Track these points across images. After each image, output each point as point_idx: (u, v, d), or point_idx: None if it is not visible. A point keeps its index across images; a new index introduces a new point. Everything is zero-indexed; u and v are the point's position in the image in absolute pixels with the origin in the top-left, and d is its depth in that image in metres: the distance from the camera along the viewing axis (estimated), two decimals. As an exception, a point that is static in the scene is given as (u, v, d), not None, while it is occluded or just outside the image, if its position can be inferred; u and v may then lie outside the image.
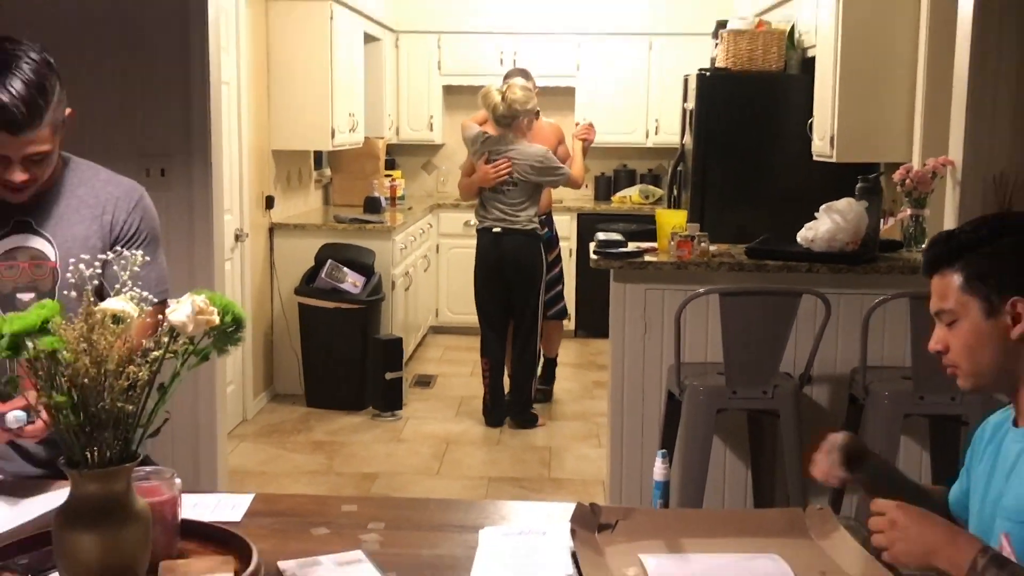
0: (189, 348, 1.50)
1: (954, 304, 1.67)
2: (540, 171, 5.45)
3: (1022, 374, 1.65)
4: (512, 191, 5.47)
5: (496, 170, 5.44)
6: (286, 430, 5.62)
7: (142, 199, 2.26)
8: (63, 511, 1.46)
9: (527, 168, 5.43)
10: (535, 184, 5.51)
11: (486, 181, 5.49)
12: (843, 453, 1.89)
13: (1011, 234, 1.67)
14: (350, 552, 1.73)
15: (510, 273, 5.54)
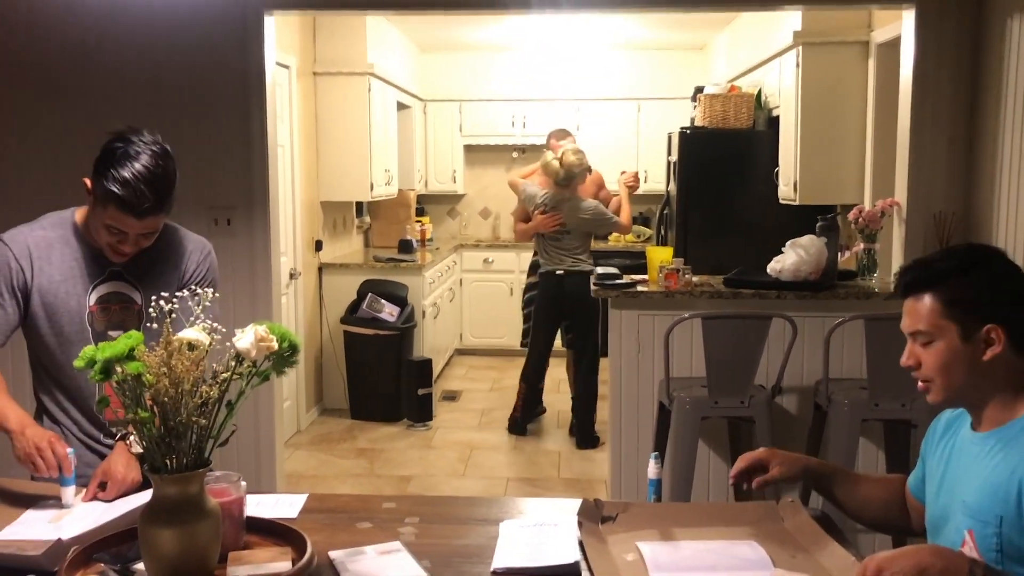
0: (253, 370, 1.51)
1: (930, 326, 1.63)
2: (593, 222, 5.40)
3: (988, 390, 1.63)
4: (568, 237, 5.37)
5: (551, 220, 5.34)
6: (334, 439, 5.61)
7: (210, 253, 2.28)
8: (147, 510, 1.47)
9: (580, 219, 5.34)
10: (587, 232, 5.44)
11: (543, 227, 5.40)
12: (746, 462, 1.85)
13: (984, 265, 1.65)
14: (390, 543, 1.73)
15: (573, 311, 5.39)
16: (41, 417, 2.16)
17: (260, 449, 3.78)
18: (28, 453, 1.86)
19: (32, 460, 1.86)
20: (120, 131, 2.01)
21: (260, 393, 3.72)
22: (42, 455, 1.85)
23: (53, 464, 1.85)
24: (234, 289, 3.67)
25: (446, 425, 5.88)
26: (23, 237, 2.09)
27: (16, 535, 1.73)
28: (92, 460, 2.10)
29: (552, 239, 5.41)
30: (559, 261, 5.40)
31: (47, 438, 1.88)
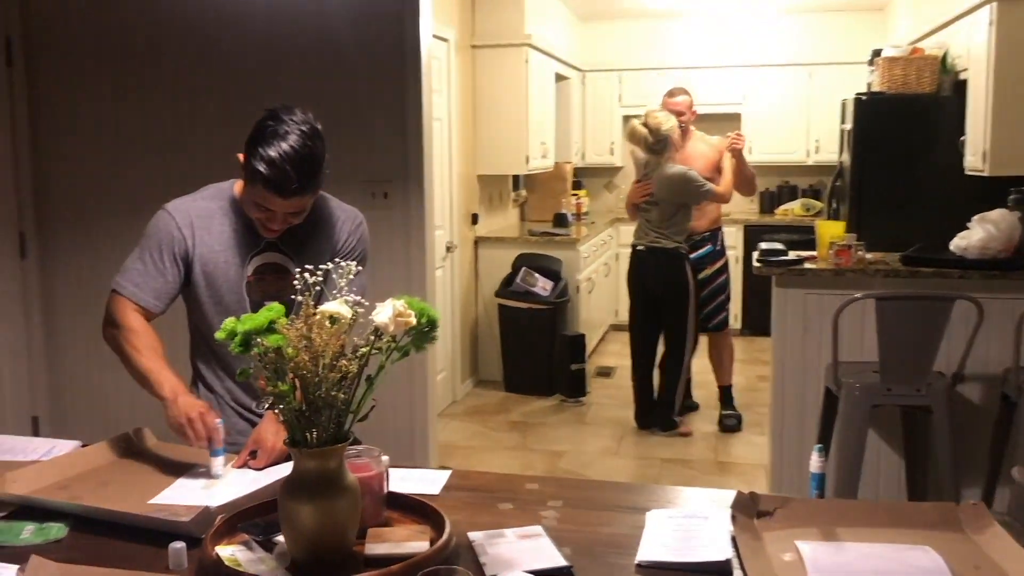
0: (392, 345, 1.48)
1: None
2: (678, 191, 4.88)
3: None
4: (654, 211, 4.95)
5: (639, 189, 5.01)
6: (488, 411, 5.65)
7: (362, 224, 2.28)
8: (287, 483, 1.47)
9: (664, 189, 4.89)
10: (678, 204, 4.92)
11: (631, 197, 5.12)
12: None
13: None
14: (531, 527, 1.67)
15: (657, 291, 5.03)
16: (197, 384, 2.23)
17: (414, 419, 3.83)
18: (179, 423, 1.92)
19: (183, 431, 1.91)
20: (273, 108, 2.03)
21: (414, 364, 3.77)
22: (193, 426, 1.90)
23: (203, 435, 1.89)
24: (389, 262, 3.71)
25: (600, 401, 5.81)
26: (185, 207, 2.15)
27: (169, 500, 1.79)
28: (244, 428, 2.15)
29: (643, 210, 5.03)
30: (642, 235, 5.05)
31: (198, 408, 1.93)
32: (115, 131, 3.92)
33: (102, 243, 3.84)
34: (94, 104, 3.93)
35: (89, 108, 3.93)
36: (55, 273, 4.02)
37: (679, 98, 5.19)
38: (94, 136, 3.94)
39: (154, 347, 2.07)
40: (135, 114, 3.89)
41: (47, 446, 2.11)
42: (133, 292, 2.09)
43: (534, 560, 1.52)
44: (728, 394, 5.34)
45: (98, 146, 3.94)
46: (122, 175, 3.88)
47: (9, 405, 3.90)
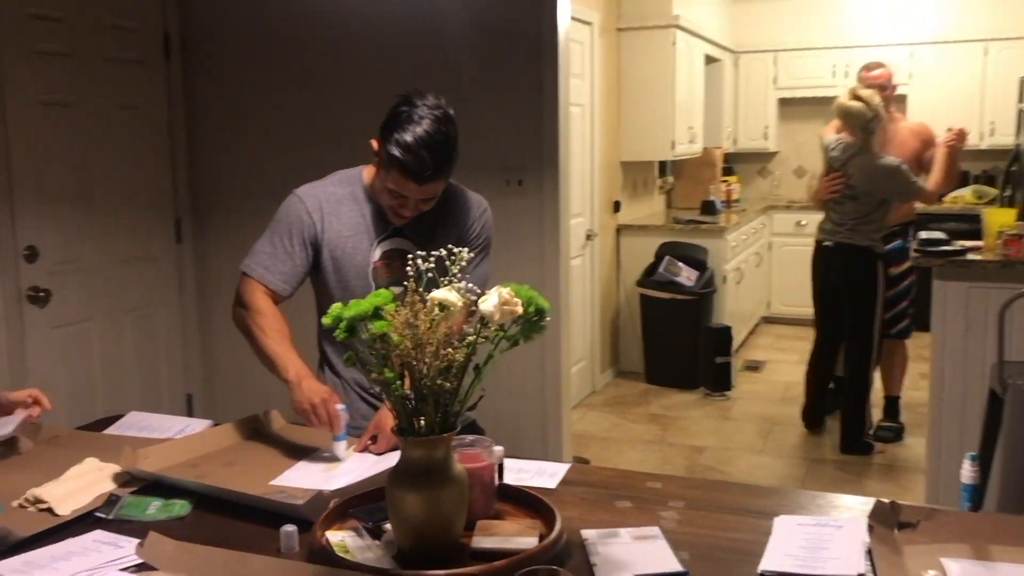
0: (500, 334, 1.44)
1: None
2: (884, 185, 4.37)
3: None
4: (848, 204, 4.43)
5: (829, 185, 4.48)
6: (628, 402, 5.56)
7: (486, 211, 2.26)
8: (394, 472, 1.46)
9: (868, 181, 4.37)
10: (880, 199, 4.40)
11: (819, 193, 4.56)
12: None
13: None
14: (648, 528, 1.60)
15: (842, 291, 4.55)
16: (323, 367, 2.27)
17: (546, 410, 3.79)
18: (303, 407, 1.95)
19: (307, 415, 1.94)
20: (406, 94, 2.04)
21: (547, 354, 3.73)
22: (316, 411, 1.93)
23: (325, 420, 1.92)
24: (523, 251, 3.69)
25: (746, 396, 5.61)
26: (315, 192, 2.19)
27: (289, 482, 1.82)
28: (367, 412, 2.17)
29: (836, 202, 4.49)
30: (831, 231, 4.53)
31: (322, 394, 1.96)
32: (264, 123, 4.07)
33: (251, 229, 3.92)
34: (245, 97, 4.09)
35: (240, 100, 4.10)
36: (208, 258, 4.21)
37: (877, 71, 4.70)
38: (244, 127, 4.11)
39: (281, 330, 2.11)
40: (283, 106, 4.02)
41: (181, 424, 2.20)
42: (262, 274, 2.14)
43: (648, 563, 1.45)
44: (894, 406, 4.88)
45: (248, 137, 4.10)
46: (270, 164, 4.03)
47: (165, 383, 4.13)
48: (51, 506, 1.68)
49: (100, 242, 3.74)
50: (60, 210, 3.54)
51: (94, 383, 3.73)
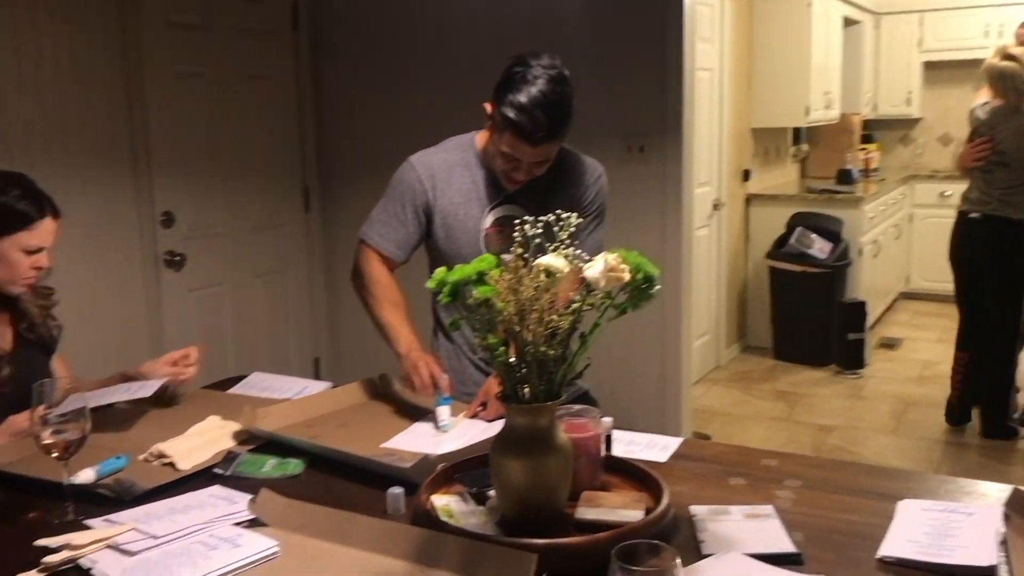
0: (607, 302, 1.40)
1: None
2: None
3: None
4: (999, 172, 4.08)
5: (975, 151, 4.15)
6: (753, 378, 5.41)
7: (601, 177, 2.22)
8: (498, 438, 1.45)
9: (1021, 147, 4.03)
10: None
11: (963, 160, 4.27)
12: None
13: None
14: (761, 506, 1.54)
15: (987, 268, 4.20)
16: (437, 334, 2.28)
17: (666, 383, 3.73)
18: (408, 372, 1.97)
19: (410, 379, 1.96)
20: (520, 54, 2.01)
21: (667, 326, 3.66)
22: (418, 372, 1.94)
23: (427, 382, 1.93)
24: (644, 220, 3.62)
25: (880, 375, 5.37)
26: (427, 159, 2.19)
27: (399, 445, 1.84)
28: (480, 379, 2.17)
29: (984, 171, 4.14)
30: (978, 202, 4.17)
31: (425, 359, 1.97)
32: (389, 91, 4.12)
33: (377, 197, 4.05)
34: (370, 66, 4.15)
35: (366, 69, 4.16)
36: (334, 225, 4.32)
37: None
38: (370, 96, 4.17)
39: (394, 300, 2.14)
40: (408, 75, 4.06)
41: (300, 386, 2.26)
42: (377, 241, 2.17)
43: (758, 543, 1.40)
44: None
45: (374, 105, 4.16)
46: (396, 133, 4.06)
47: (294, 346, 4.27)
48: (173, 461, 1.75)
49: (232, 209, 3.88)
50: (194, 178, 3.68)
51: (225, 344, 3.89)
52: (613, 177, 2.30)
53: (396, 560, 1.36)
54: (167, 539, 1.42)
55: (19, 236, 1.90)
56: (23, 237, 1.91)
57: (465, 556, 1.32)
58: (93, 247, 3.29)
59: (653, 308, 3.79)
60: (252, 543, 1.40)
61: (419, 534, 1.38)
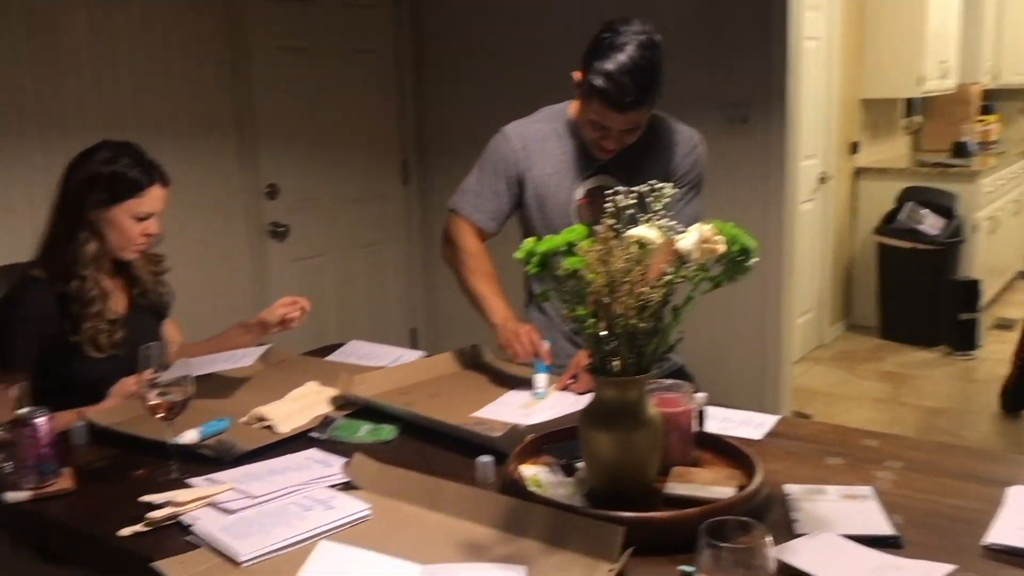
0: (701, 274, 1.37)
1: None
2: None
3: None
4: None
5: None
6: (858, 358, 5.25)
7: (697, 146, 2.17)
8: (586, 411, 1.44)
9: None
10: None
11: None
12: None
13: None
14: (859, 487, 1.49)
15: None
16: (529, 305, 2.28)
17: (766, 361, 3.65)
18: (507, 339, 1.97)
19: (509, 345, 1.97)
20: (610, 20, 1.98)
21: (768, 302, 3.58)
22: (519, 340, 1.94)
23: (529, 350, 1.93)
24: (745, 193, 3.53)
25: (994, 357, 5.12)
26: (521, 129, 2.18)
27: (489, 414, 1.85)
28: (572, 352, 2.16)
29: None
30: None
31: (526, 328, 1.97)
32: (489, 64, 4.12)
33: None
34: (470, 39, 4.15)
35: (466, 43, 4.17)
36: (433, 198, 4.36)
37: None
38: (470, 69, 4.18)
39: (487, 271, 2.14)
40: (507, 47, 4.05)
41: (396, 354, 2.30)
42: (469, 212, 2.17)
43: (855, 524, 1.35)
44: None
45: (473, 79, 4.17)
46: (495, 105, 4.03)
47: (391, 317, 4.34)
48: (272, 424, 1.80)
49: (333, 181, 3.96)
50: (297, 150, 3.77)
51: (327, 313, 3.98)
52: (713, 149, 2.25)
53: (484, 527, 1.37)
54: (264, 499, 1.46)
55: (129, 203, 1.98)
56: (133, 204, 1.98)
57: (552, 526, 1.33)
58: (201, 218, 3.40)
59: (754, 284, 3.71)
60: (345, 505, 1.43)
61: (507, 502, 1.39)
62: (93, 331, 1.98)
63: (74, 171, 2.01)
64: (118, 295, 2.10)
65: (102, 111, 3.08)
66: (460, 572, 1.25)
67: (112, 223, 1.99)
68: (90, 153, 2.02)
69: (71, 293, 1.97)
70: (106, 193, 1.97)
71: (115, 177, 1.97)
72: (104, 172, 1.97)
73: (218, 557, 1.31)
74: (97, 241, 2.00)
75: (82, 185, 1.99)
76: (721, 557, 1.12)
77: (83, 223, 1.99)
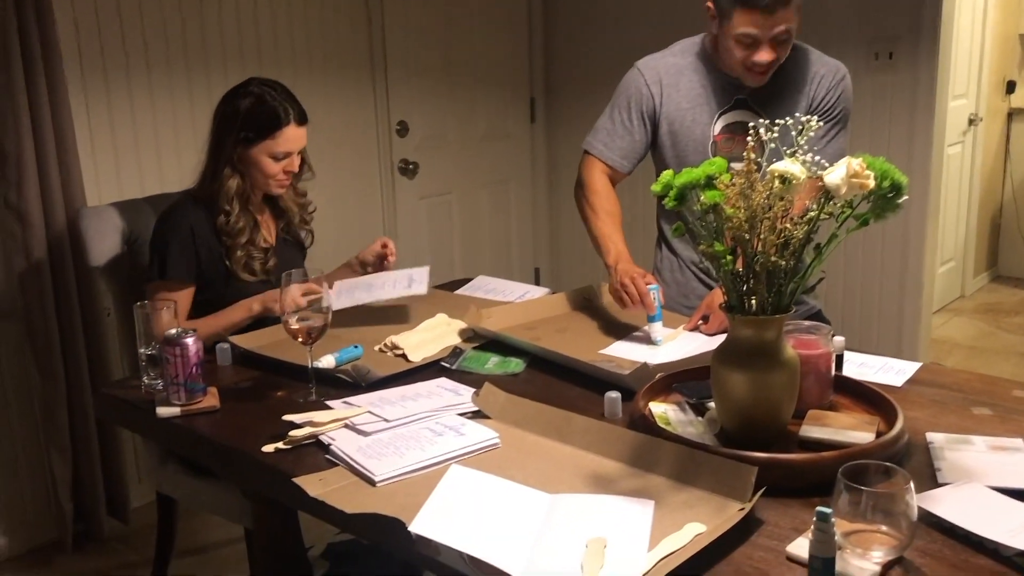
0: (847, 211, 1.32)
1: None
2: None
3: None
4: None
5: None
6: (1003, 310, 4.98)
7: (844, 79, 2.06)
8: (720, 350, 1.41)
9: None
10: None
11: None
12: None
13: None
14: (1009, 439, 1.42)
15: None
16: (660, 244, 2.24)
17: (904, 311, 3.50)
18: (616, 285, 1.94)
19: (617, 295, 1.94)
20: None
21: (911, 248, 3.43)
22: (626, 289, 1.91)
23: (636, 299, 1.89)
24: (889, 133, 3.36)
25: None
26: (655, 64, 2.13)
27: (616, 352, 1.84)
28: (703, 292, 2.12)
29: None
30: None
31: (633, 274, 1.93)
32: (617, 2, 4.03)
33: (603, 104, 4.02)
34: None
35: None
36: (559, 137, 4.33)
37: None
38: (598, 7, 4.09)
39: (610, 210, 2.11)
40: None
41: (522, 290, 2.31)
42: (601, 151, 2.14)
43: (1005, 476, 1.29)
44: None
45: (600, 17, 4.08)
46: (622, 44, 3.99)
47: (516, 256, 4.36)
48: (405, 352, 1.85)
49: (461, 119, 3.97)
50: (426, 88, 3.79)
51: (452, 250, 4.03)
52: (856, 86, 2.14)
53: (612, 461, 1.38)
54: (398, 423, 1.50)
55: (267, 143, 2.04)
56: (270, 144, 2.04)
57: (681, 464, 1.32)
58: (335, 154, 3.48)
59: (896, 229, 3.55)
60: (475, 433, 1.46)
61: (636, 438, 1.38)
62: (246, 257, 2.08)
63: (220, 108, 2.09)
64: (269, 226, 2.19)
65: (242, 45, 3.16)
66: (589, 503, 1.25)
67: (252, 162, 2.06)
68: (236, 91, 2.09)
69: (220, 226, 2.06)
70: (244, 132, 2.04)
71: (250, 117, 2.04)
72: (241, 111, 2.04)
73: (354, 476, 1.36)
74: (239, 178, 2.07)
75: (224, 123, 2.07)
76: (860, 502, 1.09)
77: (227, 160, 2.06)
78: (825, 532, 1.01)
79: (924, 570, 1.09)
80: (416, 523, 1.18)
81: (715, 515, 1.21)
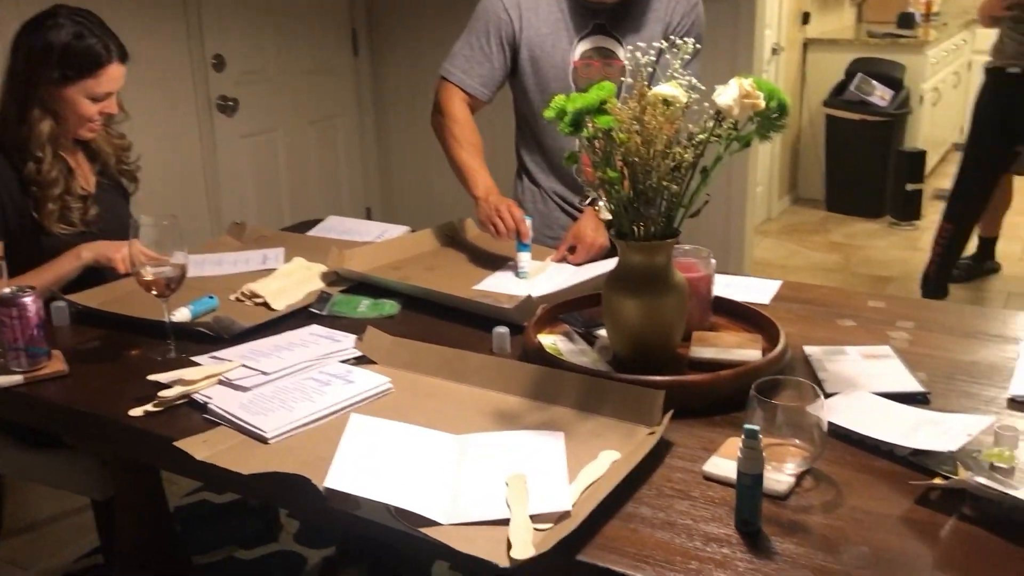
0: (733, 133, 1.32)
1: None
2: None
3: None
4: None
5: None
6: (806, 230, 5.32)
7: (697, 4, 2.08)
8: (611, 277, 1.40)
9: None
10: None
11: (987, 10, 3.81)
12: None
13: None
14: (878, 347, 1.49)
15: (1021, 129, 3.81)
16: (521, 175, 2.21)
17: (730, 232, 3.65)
18: (488, 216, 1.90)
19: (491, 221, 1.90)
20: None
21: (733, 173, 3.56)
22: (500, 216, 1.87)
23: (511, 227, 1.86)
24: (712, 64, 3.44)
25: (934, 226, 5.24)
26: (511, -13, 2.06)
27: (490, 287, 1.80)
28: (566, 223, 2.11)
29: (1016, 20, 3.69)
30: (1018, 54, 3.71)
31: (506, 204, 1.90)
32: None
33: (428, 40, 3.91)
34: None
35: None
36: (384, 70, 4.17)
37: None
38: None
39: (474, 142, 2.05)
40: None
41: (379, 229, 2.22)
42: (460, 78, 2.06)
43: (883, 382, 1.36)
44: None
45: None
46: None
47: (345, 195, 4.21)
48: (266, 300, 1.73)
49: (281, 52, 3.75)
50: (243, 18, 3.54)
51: (279, 191, 3.84)
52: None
53: (513, 396, 1.34)
54: (278, 375, 1.40)
55: (87, 83, 1.82)
56: (91, 84, 1.82)
57: (585, 393, 1.30)
58: (148, 90, 3.19)
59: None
60: (364, 379, 1.38)
61: (536, 371, 1.36)
62: (61, 208, 1.85)
63: (24, 40, 1.83)
64: (86, 173, 1.97)
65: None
66: (500, 440, 1.22)
67: (67, 102, 1.83)
68: (42, 22, 1.82)
69: (29, 176, 1.82)
70: (60, 70, 1.80)
71: (69, 52, 1.79)
72: (57, 46, 1.79)
73: (241, 435, 1.26)
74: (51, 120, 1.84)
75: (32, 59, 1.81)
76: (775, 417, 1.11)
77: (35, 101, 1.82)
78: (754, 449, 1.02)
79: (833, 477, 1.13)
80: (330, 478, 1.10)
81: (625, 441, 1.21)
